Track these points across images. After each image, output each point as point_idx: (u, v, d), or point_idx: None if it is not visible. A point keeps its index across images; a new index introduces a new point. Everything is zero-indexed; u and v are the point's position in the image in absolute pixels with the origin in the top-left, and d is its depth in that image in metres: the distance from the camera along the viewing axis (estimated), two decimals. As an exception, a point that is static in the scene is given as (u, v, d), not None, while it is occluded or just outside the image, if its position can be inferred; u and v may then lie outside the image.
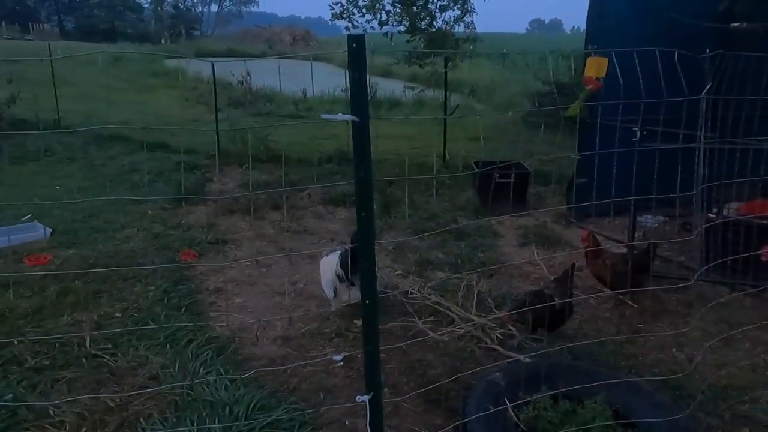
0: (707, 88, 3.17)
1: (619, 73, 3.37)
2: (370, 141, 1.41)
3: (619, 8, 5.74)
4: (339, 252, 4.01)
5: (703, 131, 3.46)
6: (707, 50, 3.65)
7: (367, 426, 1.69)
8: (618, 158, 4.28)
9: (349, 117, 1.36)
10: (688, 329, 3.84)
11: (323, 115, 1.44)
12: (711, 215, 4.59)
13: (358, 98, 1.35)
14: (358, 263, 1.56)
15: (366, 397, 1.65)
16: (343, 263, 3.86)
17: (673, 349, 3.62)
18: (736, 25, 4.84)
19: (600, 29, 5.89)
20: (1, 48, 23.61)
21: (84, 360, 3.27)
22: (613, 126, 4.86)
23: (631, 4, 5.73)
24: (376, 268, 4.61)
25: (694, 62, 3.53)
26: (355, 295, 3.85)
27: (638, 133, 4.46)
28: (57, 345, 3.45)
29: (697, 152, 3.41)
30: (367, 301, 1.51)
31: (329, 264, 4.00)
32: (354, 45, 1.29)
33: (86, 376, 3.14)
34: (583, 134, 5.99)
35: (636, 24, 5.57)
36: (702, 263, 4.11)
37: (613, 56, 2.89)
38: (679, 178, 4.09)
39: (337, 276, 3.90)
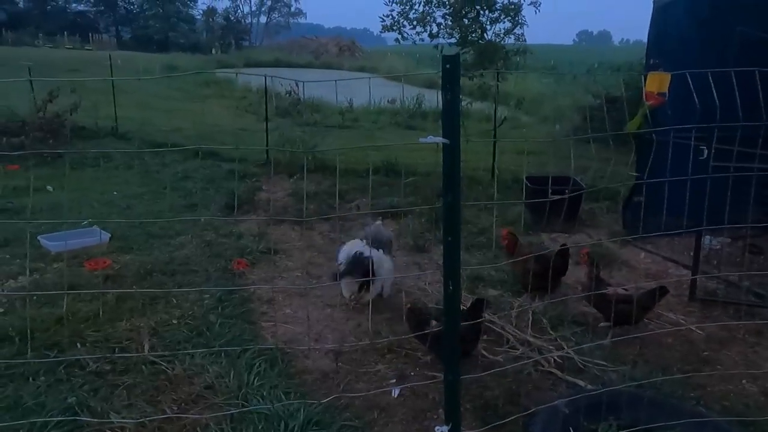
0: None
1: (716, 89, 3.17)
2: (460, 164, 1.37)
3: (684, 21, 5.55)
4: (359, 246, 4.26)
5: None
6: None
7: (448, 459, 1.61)
8: (681, 177, 4.10)
9: (440, 139, 1.32)
10: (760, 359, 3.65)
11: (421, 139, 1.40)
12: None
13: (450, 120, 1.31)
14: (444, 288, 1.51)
15: (445, 428, 1.59)
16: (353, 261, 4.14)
17: (744, 381, 3.43)
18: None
19: (662, 42, 5.72)
20: (64, 57, 24.76)
21: (143, 366, 3.33)
22: (675, 143, 4.68)
23: (694, 17, 5.53)
24: (427, 283, 4.55)
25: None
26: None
27: (705, 151, 4.27)
28: (116, 350, 3.53)
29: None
30: (449, 329, 1.46)
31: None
32: (447, 66, 1.25)
33: (145, 382, 3.19)
34: (642, 151, 5.80)
35: (700, 37, 5.37)
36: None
37: (687, 76, 2.77)
38: (737, 198, 3.89)
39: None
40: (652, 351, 3.76)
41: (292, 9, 66.68)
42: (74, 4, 51.91)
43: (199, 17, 54.42)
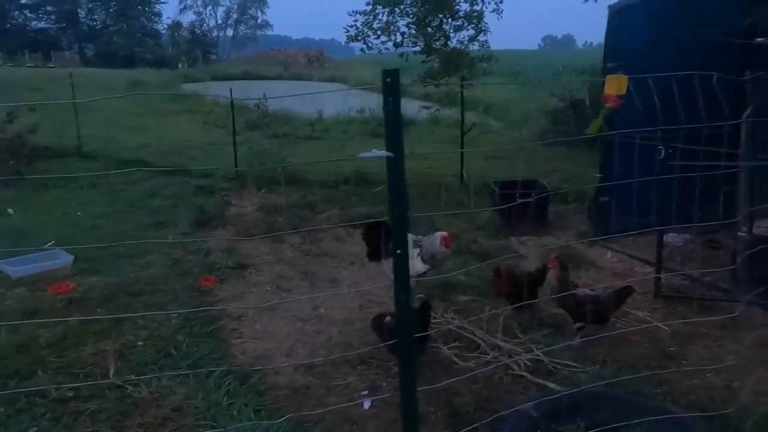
0: (748, 111, 3.10)
1: (654, 91, 3.30)
2: (405, 176, 1.37)
3: (638, 24, 5.69)
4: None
5: (745, 152, 3.39)
6: (732, 67, 3.59)
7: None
8: (641, 176, 4.20)
9: (384, 153, 1.33)
10: (724, 353, 3.73)
11: (360, 155, 1.40)
12: (741, 234, 4.47)
13: (393, 133, 1.32)
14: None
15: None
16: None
17: (708, 375, 3.49)
18: (761, 40, 4.77)
19: (618, 46, 5.85)
20: (26, 76, 24.21)
21: (107, 391, 3.24)
22: (635, 144, 4.79)
23: (649, 20, 5.67)
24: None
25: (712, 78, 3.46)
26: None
27: (662, 151, 4.39)
28: (81, 376, 3.44)
29: (739, 173, 3.34)
30: (402, 340, 1.46)
31: None
32: (388, 80, 1.26)
33: (110, 408, 3.11)
34: (605, 152, 5.92)
35: (655, 40, 5.52)
36: (737, 284, 3.98)
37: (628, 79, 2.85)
38: (696, 195, 4.00)
39: None
40: (620, 349, 3.82)
41: (259, 21, 66.66)
42: (35, 22, 50.88)
43: (164, 32, 53.82)
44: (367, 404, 3.18)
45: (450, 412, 3.10)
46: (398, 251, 1.39)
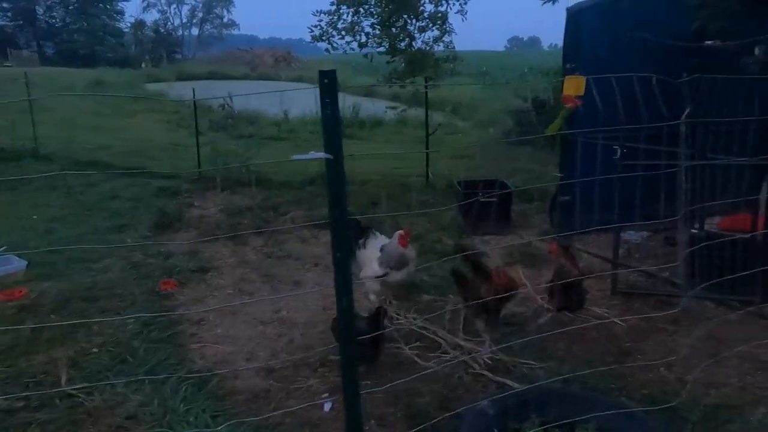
0: (686, 112, 3.20)
1: (595, 92, 3.41)
2: (345, 178, 1.36)
3: (594, 27, 5.80)
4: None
5: (684, 151, 3.50)
6: (682, 68, 3.68)
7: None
8: (599, 175, 4.29)
9: (322, 155, 1.31)
10: (677, 347, 3.83)
11: (294, 157, 1.38)
12: (693, 231, 4.60)
13: (331, 135, 1.30)
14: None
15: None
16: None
17: (662, 369, 3.58)
18: (709, 43, 4.91)
19: (576, 47, 5.96)
20: (-21, 75, 23.31)
21: (58, 400, 3.15)
22: (593, 143, 4.89)
23: (605, 23, 5.79)
24: (362, 294, 4.49)
25: (668, 75, 3.56)
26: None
27: (618, 150, 4.48)
28: (30, 385, 3.33)
29: (678, 172, 3.44)
30: (344, 345, 1.45)
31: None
32: (325, 81, 1.24)
33: (61, 417, 3.01)
34: (565, 152, 6.03)
35: (610, 42, 5.63)
36: (687, 279, 4.09)
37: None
38: (651, 193, 4.10)
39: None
40: (578, 346, 3.88)
41: (225, 20, 65.71)
42: (-12, 19, 49.07)
43: (127, 30, 52.53)
44: (327, 407, 3.16)
45: (410, 412, 3.10)
46: (338, 254, 1.38)
